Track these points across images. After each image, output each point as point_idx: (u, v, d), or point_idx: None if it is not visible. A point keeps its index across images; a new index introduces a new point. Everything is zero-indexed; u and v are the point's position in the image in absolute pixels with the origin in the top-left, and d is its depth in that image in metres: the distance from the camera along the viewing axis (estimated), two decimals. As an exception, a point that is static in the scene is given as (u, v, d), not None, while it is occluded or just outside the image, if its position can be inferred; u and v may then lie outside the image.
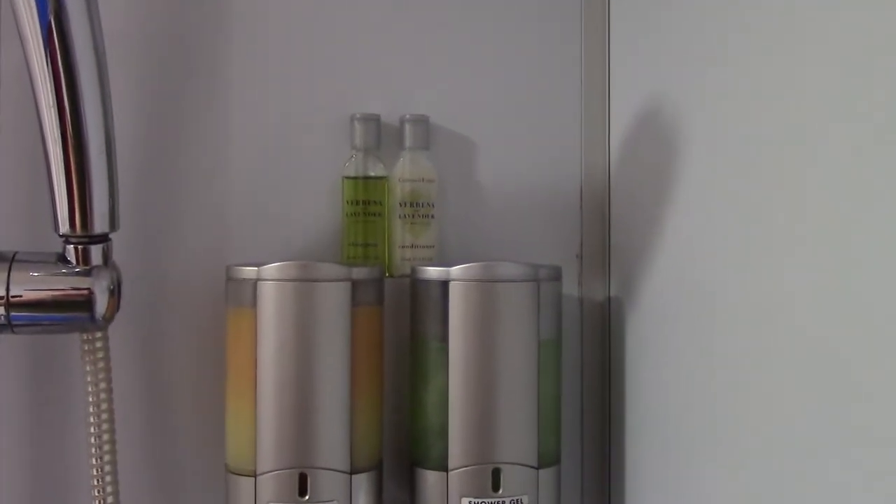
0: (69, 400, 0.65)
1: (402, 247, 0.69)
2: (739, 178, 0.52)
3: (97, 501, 0.60)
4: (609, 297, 0.72)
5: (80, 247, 0.58)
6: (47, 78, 0.55)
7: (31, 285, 0.57)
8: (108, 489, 0.60)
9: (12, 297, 0.57)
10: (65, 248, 0.58)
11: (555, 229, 0.72)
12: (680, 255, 0.61)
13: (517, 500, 0.62)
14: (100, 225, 0.58)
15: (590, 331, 0.72)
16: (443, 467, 0.63)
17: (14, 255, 0.58)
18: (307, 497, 0.60)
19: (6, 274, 0.57)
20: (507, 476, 0.62)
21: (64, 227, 0.57)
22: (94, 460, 0.60)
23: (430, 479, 0.63)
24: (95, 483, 0.60)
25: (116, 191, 0.58)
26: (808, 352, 0.45)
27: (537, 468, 0.63)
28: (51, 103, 0.55)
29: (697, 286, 0.58)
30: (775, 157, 0.48)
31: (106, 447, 0.60)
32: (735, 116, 0.53)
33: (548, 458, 0.64)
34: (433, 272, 0.64)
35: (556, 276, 0.66)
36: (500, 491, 0.62)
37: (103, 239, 0.59)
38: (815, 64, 0.45)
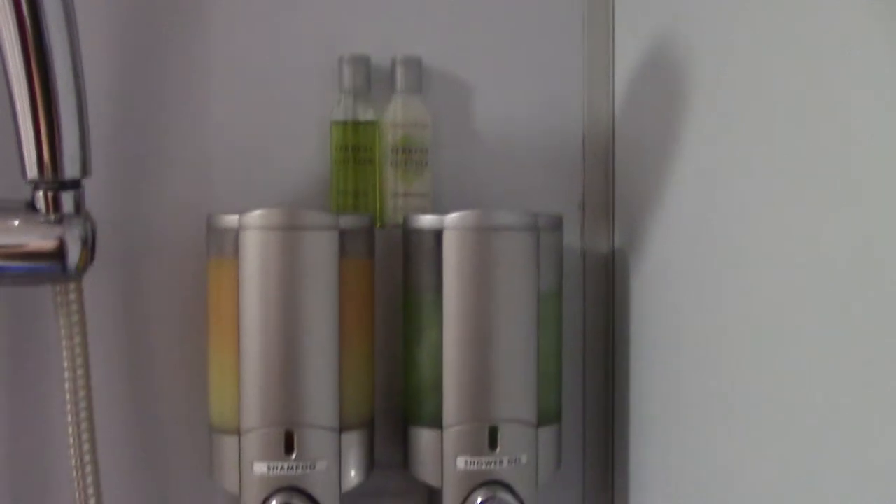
0: (44, 355, 0.62)
1: (395, 195, 0.65)
2: (752, 122, 0.49)
3: (74, 461, 0.58)
4: (613, 249, 0.69)
5: (49, 193, 0.55)
6: (9, 12, 0.51)
7: (-1, 235, 0.54)
8: (86, 447, 0.58)
9: (-20, 246, 0.54)
10: (34, 195, 0.55)
11: (556, 177, 0.68)
12: (688, 205, 0.58)
13: (515, 458, 0.60)
14: (70, 169, 0.54)
15: (592, 284, 0.69)
16: (437, 425, 0.60)
17: (-21, 203, 0.55)
18: (294, 455, 0.57)
19: (-29, 222, 0.54)
20: (505, 434, 0.59)
21: (32, 172, 0.54)
22: (70, 417, 0.58)
23: (424, 437, 0.60)
24: (72, 442, 0.58)
25: (87, 133, 0.55)
26: (819, 310, 0.42)
27: (536, 426, 0.60)
28: (14, 38, 0.52)
29: (706, 237, 0.55)
30: (792, 100, 0.45)
31: (83, 404, 0.58)
32: (750, 56, 0.50)
33: (547, 415, 0.62)
34: (426, 221, 0.60)
35: (557, 225, 0.63)
36: (498, 450, 0.59)
37: (75, 185, 0.56)
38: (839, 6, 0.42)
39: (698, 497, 0.55)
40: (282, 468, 0.57)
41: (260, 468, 0.57)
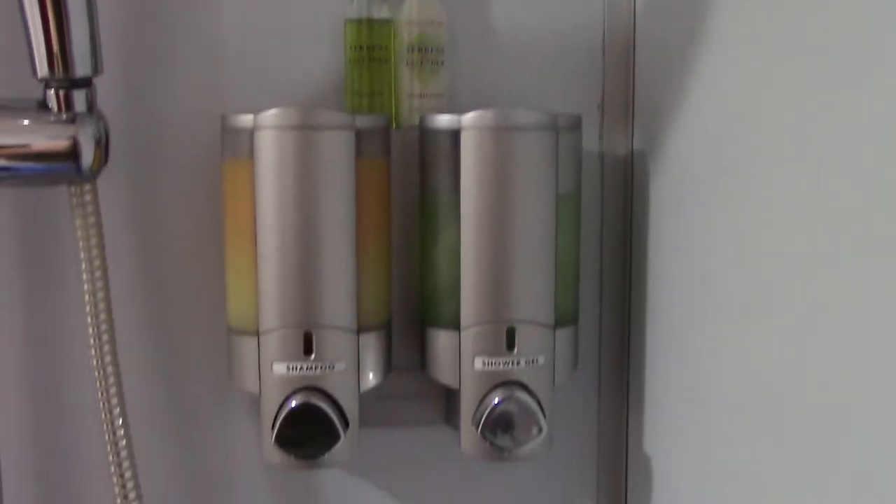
0: (61, 257, 0.62)
1: (410, 96, 0.64)
2: (781, 25, 0.47)
3: (95, 361, 0.58)
4: (632, 151, 0.68)
5: (61, 91, 0.54)
6: None
7: (11, 134, 0.54)
8: (106, 348, 0.58)
9: (-8, 146, 0.53)
10: (45, 94, 0.54)
11: (574, 77, 0.67)
12: (710, 107, 0.56)
13: (533, 359, 0.60)
14: (81, 67, 0.53)
15: (611, 186, 0.68)
16: (455, 326, 0.60)
17: (-9, 102, 0.54)
18: (313, 356, 0.57)
19: (-17, 121, 0.53)
20: (523, 335, 0.59)
21: (42, 70, 0.53)
22: (89, 318, 0.58)
23: (441, 338, 0.61)
24: (93, 342, 0.58)
25: (97, 28, 0.53)
26: (841, 217, 0.41)
27: (554, 327, 0.60)
28: (18, -72, 0.50)
29: (727, 140, 0.53)
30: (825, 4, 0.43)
31: (101, 306, 0.58)
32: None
33: (565, 316, 0.61)
34: (443, 121, 0.59)
35: (576, 125, 0.61)
36: (515, 350, 0.59)
37: (86, 83, 0.54)
38: None
39: (715, 396, 0.56)
40: (301, 368, 0.57)
41: (279, 369, 0.57)
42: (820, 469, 0.45)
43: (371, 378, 0.60)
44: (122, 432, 0.59)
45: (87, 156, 0.54)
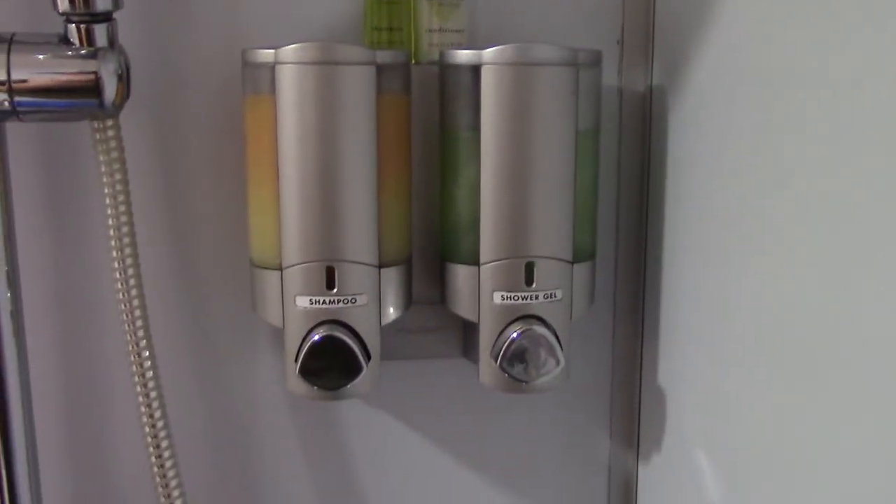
0: (85, 192, 0.62)
1: (429, 31, 0.63)
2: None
3: (121, 294, 0.59)
4: (651, 87, 0.67)
5: (82, 26, 0.54)
6: None
7: (34, 69, 0.54)
8: (132, 282, 0.59)
9: (14, 81, 0.53)
10: (66, 29, 0.54)
11: (594, 12, 0.66)
12: (731, 43, 0.56)
13: (551, 293, 0.61)
14: (102, 0, 0.53)
15: (629, 122, 0.68)
16: (474, 262, 0.60)
17: (12, 37, 0.54)
18: (335, 290, 0.58)
19: (5, 56, 0.53)
20: (541, 270, 0.60)
21: (63, 5, 0.53)
22: (115, 253, 0.58)
23: (460, 273, 0.61)
24: (118, 276, 0.59)
25: (117, -38, 0.53)
26: (867, 156, 0.41)
27: (572, 263, 0.61)
28: None
29: (748, 77, 0.53)
30: None
31: (126, 240, 0.58)
32: None
33: (583, 252, 0.62)
34: (463, 56, 0.59)
35: (597, 60, 0.61)
36: (534, 285, 0.60)
37: (107, 17, 0.54)
38: None
39: (727, 331, 0.56)
40: (323, 302, 0.58)
41: (302, 302, 0.58)
42: (831, 402, 0.46)
43: (392, 312, 0.61)
44: (149, 364, 0.60)
45: (110, 90, 0.54)
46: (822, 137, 0.46)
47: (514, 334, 0.60)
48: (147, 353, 0.60)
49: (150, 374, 0.60)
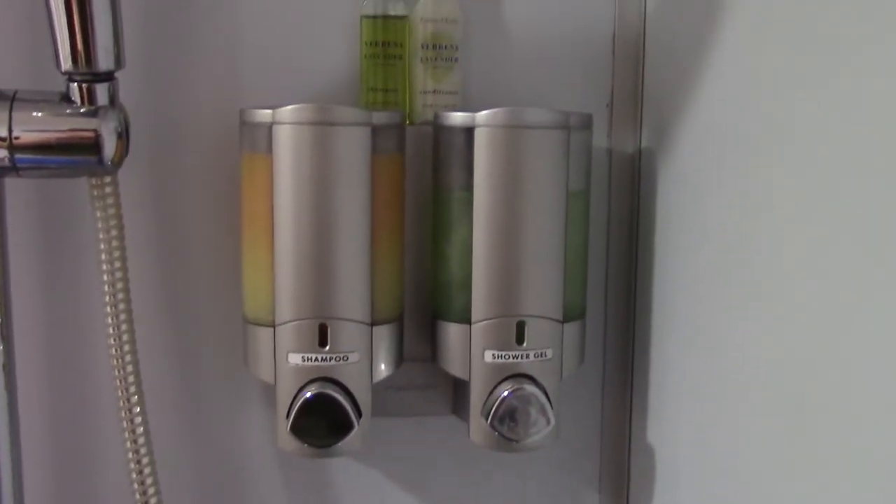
0: (81, 248, 0.63)
1: (424, 92, 0.65)
2: (790, 25, 0.48)
3: (113, 350, 0.59)
4: (640, 150, 0.69)
5: (84, 85, 0.55)
6: None
7: (34, 126, 0.54)
8: (125, 338, 0.59)
9: (15, 138, 0.54)
10: (68, 87, 0.55)
11: (585, 76, 0.68)
12: (717, 106, 0.57)
13: (541, 353, 0.61)
14: (104, 61, 0.54)
15: (618, 183, 0.69)
16: (466, 320, 0.61)
17: (15, 94, 0.55)
18: (327, 348, 0.59)
19: (7, 114, 0.54)
20: (532, 329, 0.61)
21: (66, 64, 0.54)
22: (108, 308, 0.59)
23: (452, 331, 0.62)
24: (111, 332, 0.59)
25: (120, 24, 0.54)
26: (851, 208, 0.42)
27: (562, 322, 0.62)
28: (45, -75, 0.51)
29: (734, 139, 0.55)
30: (836, 4, 0.45)
31: (120, 296, 0.59)
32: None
33: (573, 311, 0.63)
34: (458, 118, 0.60)
35: (587, 124, 0.63)
36: (525, 344, 0.61)
37: (109, 77, 0.55)
38: None
39: (717, 391, 0.57)
40: (315, 359, 0.59)
41: (294, 359, 0.59)
42: (823, 463, 0.46)
43: (384, 369, 0.61)
44: (140, 419, 0.60)
45: (109, 148, 0.55)
46: (806, 196, 0.47)
47: (505, 393, 0.61)
48: (138, 409, 0.60)
49: (140, 429, 0.60)
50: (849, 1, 0.43)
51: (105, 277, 0.59)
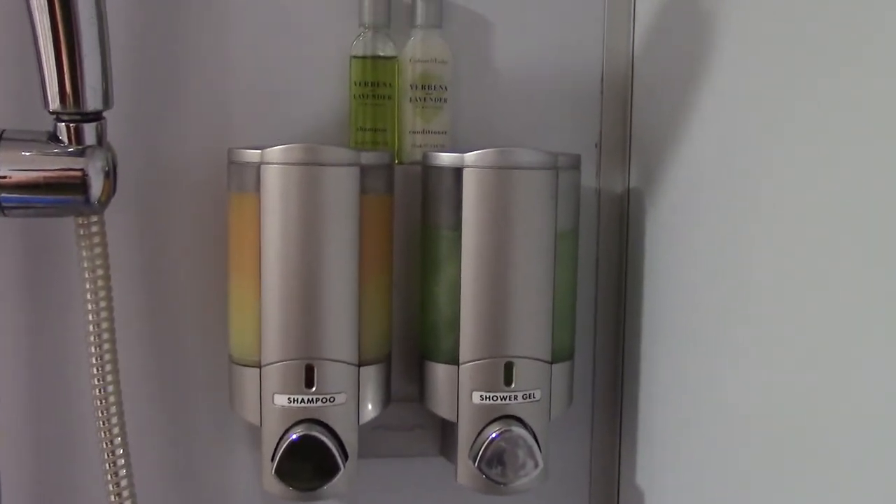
0: (66, 286, 0.62)
1: (413, 132, 0.65)
2: (775, 68, 0.49)
3: (97, 390, 0.59)
4: (628, 189, 0.69)
5: (72, 125, 0.55)
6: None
7: (21, 165, 0.54)
8: (109, 378, 0.59)
9: (2, 177, 0.54)
10: (56, 127, 0.55)
11: (573, 117, 0.68)
12: (703, 147, 0.58)
13: (530, 394, 0.61)
14: (92, 101, 0.54)
15: (607, 223, 0.70)
16: (454, 361, 0.61)
17: (2, 133, 0.55)
18: (314, 388, 0.58)
19: (-6, 153, 0.54)
20: (520, 370, 0.60)
21: (54, 104, 0.54)
22: (93, 348, 0.58)
23: (440, 372, 0.61)
24: (95, 371, 0.58)
25: (109, 64, 0.54)
26: (835, 248, 0.43)
27: (551, 363, 0.61)
28: (35, -34, 0.51)
29: (720, 179, 0.55)
30: (815, 44, 0.45)
31: (105, 335, 0.58)
32: (775, 4, 0.49)
33: (562, 352, 0.63)
34: (446, 158, 0.60)
35: (576, 164, 0.63)
36: (513, 385, 0.60)
37: (97, 117, 0.55)
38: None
39: (706, 432, 0.57)
40: (302, 401, 0.58)
41: (281, 400, 0.58)
42: (815, 500, 0.46)
43: (370, 410, 0.61)
44: (123, 461, 0.59)
45: (96, 188, 0.55)
46: (794, 236, 0.47)
47: (493, 435, 0.60)
48: (121, 451, 0.59)
49: (123, 471, 0.59)
50: (833, 45, 0.44)
51: (90, 317, 0.58)
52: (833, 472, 0.44)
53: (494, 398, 0.60)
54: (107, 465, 0.59)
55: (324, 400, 0.58)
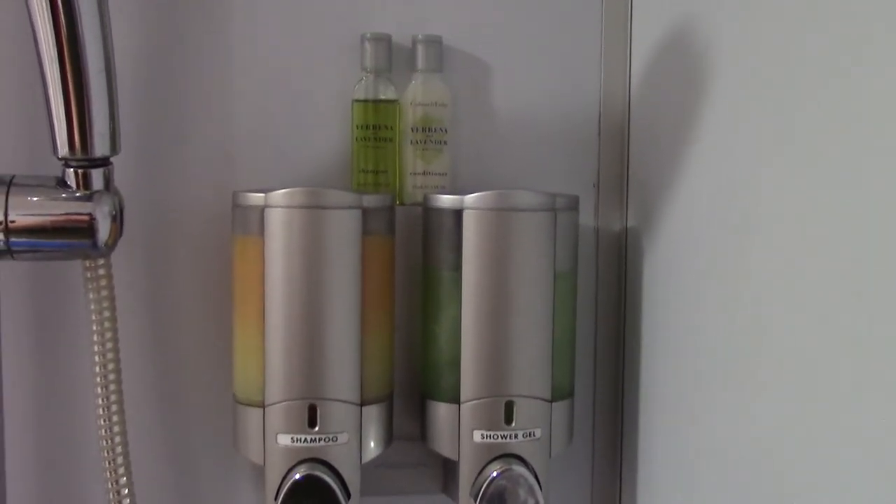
0: (73, 328, 0.63)
1: (414, 174, 0.66)
2: (767, 109, 0.50)
3: (104, 431, 0.59)
4: (626, 229, 0.70)
5: (80, 170, 0.56)
6: (42, -8, 0.52)
7: (30, 210, 0.55)
8: (115, 419, 0.59)
9: (11, 222, 0.55)
10: (64, 172, 0.56)
11: (571, 158, 0.70)
12: (700, 187, 0.59)
13: (530, 432, 0.61)
14: (100, 147, 0.55)
15: (605, 263, 0.70)
16: (455, 399, 0.61)
17: (12, 179, 0.56)
18: (317, 428, 0.59)
19: (4, 198, 0.55)
20: (521, 409, 0.61)
21: (63, 150, 0.55)
22: (99, 389, 0.59)
23: (441, 411, 0.62)
24: (101, 412, 0.59)
25: (117, 111, 0.56)
26: (834, 289, 0.43)
27: (551, 401, 0.62)
28: (46, 19, 0.52)
29: (717, 219, 0.56)
30: (808, 86, 0.46)
31: (111, 377, 0.59)
32: (765, 41, 0.50)
33: (561, 391, 0.63)
34: (446, 200, 0.61)
35: (574, 205, 0.64)
36: (513, 424, 0.61)
37: (104, 162, 0.56)
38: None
39: (707, 471, 0.57)
40: (305, 440, 0.59)
41: (284, 440, 0.59)
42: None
43: (373, 449, 0.61)
44: (129, 501, 0.60)
45: (103, 232, 0.56)
46: (791, 272, 0.48)
47: (494, 474, 0.61)
48: (126, 491, 0.60)
49: (128, 511, 0.60)
50: (825, 88, 0.45)
51: (96, 358, 0.59)
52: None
53: (495, 437, 0.61)
54: (112, 505, 0.60)
55: (326, 439, 0.59)
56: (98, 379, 0.59)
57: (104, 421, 0.59)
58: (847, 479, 0.43)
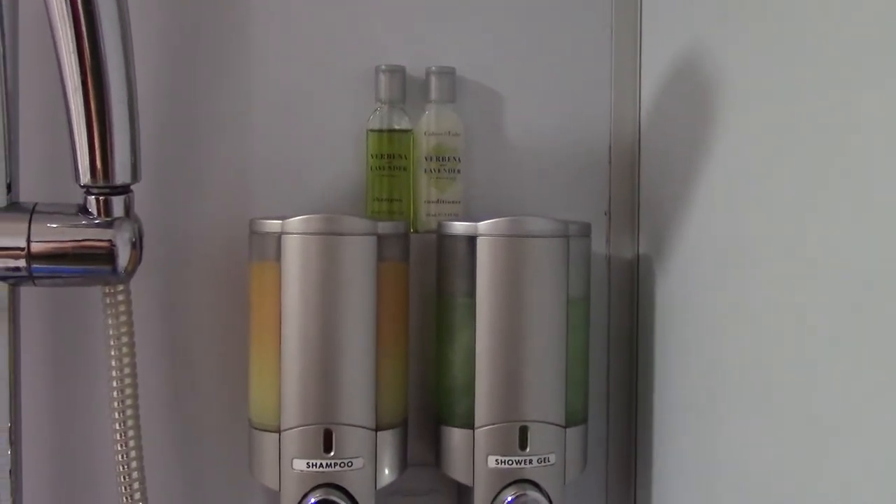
0: (91, 353, 0.64)
1: (428, 202, 0.67)
2: (777, 135, 0.51)
3: (120, 456, 0.60)
4: (637, 255, 0.71)
5: (101, 198, 0.57)
6: (67, 24, 0.53)
7: (51, 237, 0.56)
8: (131, 444, 0.60)
9: (33, 248, 0.56)
10: (86, 200, 0.57)
11: (583, 186, 0.70)
12: (711, 214, 0.59)
13: (544, 458, 0.62)
14: (121, 175, 0.56)
15: (617, 289, 0.71)
16: (469, 425, 0.62)
17: (34, 207, 0.57)
18: (332, 453, 0.59)
19: (27, 225, 0.56)
20: (535, 434, 0.61)
21: (85, 178, 0.56)
22: (116, 414, 0.60)
23: (456, 436, 0.62)
24: (118, 437, 0.60)
25: (138, 140, 0.57)
26: (844, 313, 0.44)
27: (565, 427, 0.62)
28: (71, 50, 0.54)
29: (728, 245, 0.56)
30: (818, 112, 0.47)
31: (128, 402, 0.60)
32: (774, 68, 0.51)
33: (575, 416, 0.63)
34: (460, 227, 0.62)
35: (586, 232, 0.65)
36: (528, 449, 0.61)
37: (125, 190, 0.57)
38: (861, 17, 0.43)
39: (719, 495, 0.57)
40: (320, 465, 0.59)
41: (299, 465, 0.59)
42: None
43: (388, 474, 0.61)
44: (144, 527, 0.60)
45: (123, 258, 0.57)
46: (802, 298, 0.48)
47: (509, 499, 0.61)
48: (143, 516, 0.60)
49: (144, 537, 0.60)
50: (832, 114, 0.46)
51: (114, 383, 0.60)
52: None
53: (510, 462, 0.61)
54: (128, 531, 0.60)
55: (342, 464, 0.59)
56: (115, 403, 0.60)
57: (121, 446, 0.60)
58: (859, 488, 0.43)
